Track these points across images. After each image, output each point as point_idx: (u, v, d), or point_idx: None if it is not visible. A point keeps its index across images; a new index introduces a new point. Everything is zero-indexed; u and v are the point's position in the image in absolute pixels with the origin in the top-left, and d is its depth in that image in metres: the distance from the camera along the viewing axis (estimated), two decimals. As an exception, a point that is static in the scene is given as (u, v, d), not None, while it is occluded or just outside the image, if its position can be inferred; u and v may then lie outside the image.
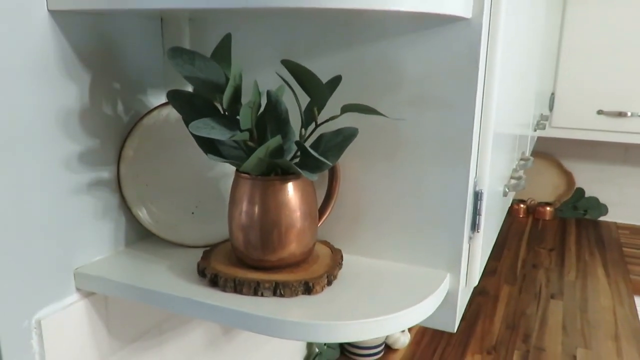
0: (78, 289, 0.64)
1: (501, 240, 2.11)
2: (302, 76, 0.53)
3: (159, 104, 0.71)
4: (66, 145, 0.61)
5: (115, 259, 0.67)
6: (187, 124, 0.58)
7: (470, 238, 0.65)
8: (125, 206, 0.69)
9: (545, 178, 2.42)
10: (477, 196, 0.64)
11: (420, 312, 0.57)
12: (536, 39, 1.22)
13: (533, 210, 2.41)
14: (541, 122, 1.73)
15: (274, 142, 0.53)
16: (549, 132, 2.04)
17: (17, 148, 0.55)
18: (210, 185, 0.72)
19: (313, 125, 0.57)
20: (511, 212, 2.40)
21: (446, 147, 0.61)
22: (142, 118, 0.67)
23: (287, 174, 0.58)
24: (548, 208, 2.37)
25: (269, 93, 0.57)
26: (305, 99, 0.58)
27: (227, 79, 0.56)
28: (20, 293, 0.57)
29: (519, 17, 0.77)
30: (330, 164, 0.53)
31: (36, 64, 0.56)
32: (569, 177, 2.39)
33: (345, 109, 0.54)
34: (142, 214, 0.69)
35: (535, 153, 2.39)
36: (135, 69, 0.69)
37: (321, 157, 0.53)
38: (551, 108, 2.04)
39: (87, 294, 0.65)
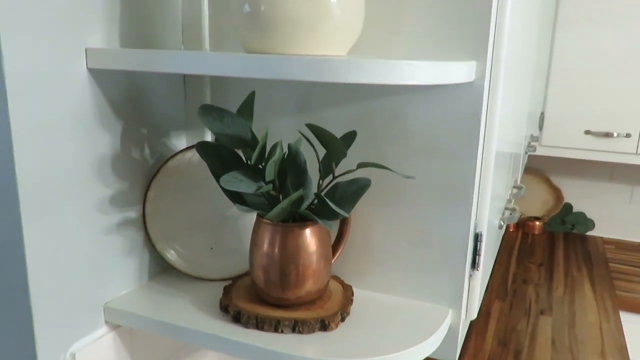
0: (107, 322, 0.69)
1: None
2: (323, 136, 0.58)
3: (181, 146, 0.76)
4: (99, 189, 0.65)
5: (140, 293, 0.72)
6: (213, 173, 0.63)
7: (470, 276, 0.71)
8: (149, 242, 0.74)
9: (534, 193, 2.49)
10: (477, 237, 0.70)
11: (426, 348, 0.62)
12: (528, 62, 1.28)
13: (523, 224, 2.48)
14: (532, 143, 1.80)
15: (296, 195, 0.58)
16: (538, 151, 2.11)
17: (58, 194, 0.60)
18: (228, 222, 0.77)
19: (330, 176, 0.62)
20: (502, 226, 2.46)
21: (449, 194, 0.67)
22: (167, 161, 0.72)
23: (305, 220, 0.63)
24: (537, 222, 2.44)
25: (289, 146, 0.62)
26: (321, 151, 0.63)
27: (252, 133, 0.61)
28: (58, 329, 0.62)
29: (516, 47, 0.83)
30: (346, 215, 0.59)
31: (75, 116, 0.61)
32: (557, 192, 2.46)
33: (361, 165, 0.60)
34: (165, 250, 0.73)
35: (526, 169, 2.47)
36: (160, 116, 0.74)
37: (338, 209, 0.58)
38: (541, 127, 2.11)
39: (115, 327, 0.70)
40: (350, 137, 0.62)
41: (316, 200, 0.63)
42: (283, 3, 0.53)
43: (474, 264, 0.70)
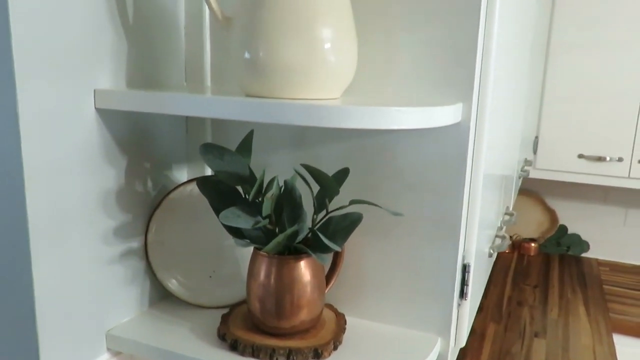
0: (108, 349, 0.71)
1: (489, 275, 2.19)
2: (317, 175, 0.61)
3: (182, 179, 0.79)
4: (104, 222, 0.69)
5: (141, 320, 0.75)
6: (213, 207, 0.66)
7: (458, 305, 0.74)
8: (150, 271, 0.77)
9: (530, 215, 2.52)
10: (465, 268, 0.73)
11: (415, 377, 0.65)
12: (520, 89, 1.32)
13: (518, 245, 2.51)
14: (525, 167, 1.84)
15: (291, 230, 0.61)
16: (533, 174, 2.15)
17: (65, 227, 0.63)
18: (226, 252, 0.80)
19: (324, 212, 0.66)
20: (497, 248, 2.49)
21: (437, 227, 0.70)
22: (168, 193, 0.76)
23: (300, 252, 0.66)
24: (533, 244, 2.47)
25: (285, 182, 0.65)
26: (315, 187, 0.67)
27: (250, 171, 0.64)
28: (63, 355, 0.65)
29: (503, 84, 0.87)
30: (339, 249, 0.62)
31: (83, 153, 0.64)
32: (552, 214, 2.49)
33: (353, 202, 0.63)
34: (166, 278, 0.76)
35: (521, 191, 2.50)
36: (163, 150, 0.77)
37: (331, 244, 0.61)
38: (535, 151, 2.15)
39: (116, 353, 0.72)
40: (343, 174, 0.66)
41: (311, 234, 0.66)
42: (280, 51, 0.57)
43: (462, 294, 0.73)
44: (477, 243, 0.74)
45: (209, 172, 0.82)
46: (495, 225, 1.07)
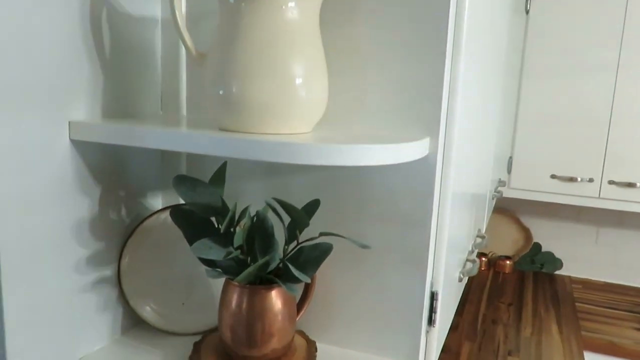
0: (80, 378, 0.72)
1: (464, 293, 2.22)
2: (288, 208, 0.63)
3: (157, 206, 0.80)
4: (77, 251, 0.69)
5: (113, 349, 0.75)
6: (186, 237, 0.67)
7: (427, 332, 0.75)
8: (123, 298, 0.77)
9: (505, 233, 2.57)
10: (433, 296, 0.75)
11: (383, 405, 0.66)
12: (493, 110, 1.36)
13: (494, 263, 2.55)
14: (499, 188, 1.88)
15: (262, 260, 0.63)
16: (507, 193, 2.19)
17: (37, 258, 0.63)
18: (199, 279, 0.81)
19: (295, 242, 0.67)
20: (474, 265, 2.53)
21: (406, 256, 0.72)
22: (142, 221, 0.76)
23: (271, 282, 0.68)
24: (508, 262, 2.51)
25: (257, 213, 0.67)
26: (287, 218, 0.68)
27: (223, 202, 0.66)
28: (32, 387, 0.65)
29: (475, 100, 0.90)
30: (309, 281, 0.63)
31: (56, 184, 0.65)
32: (527, 232, 2.54)
33: (323, 234, 0.65)
34: (139, 306, 0.77)
35: (496, 209, 2.55)
36: (138, 178, 0.78)
37: (301, 275, 0.63)
38: (509, 170, 2.20)
39: (88, 381, 0.73)
40: (314, 205, 0.67)
41: (282, 264, 0.68)
42: (252, 88, 0.59)
43: (431, 321, 0.75)
44: (445, 270, 0.76)
45: (182, 201, 0.83)
46: (466, 249, 1.09)
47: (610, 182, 2.06)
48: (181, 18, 0.61)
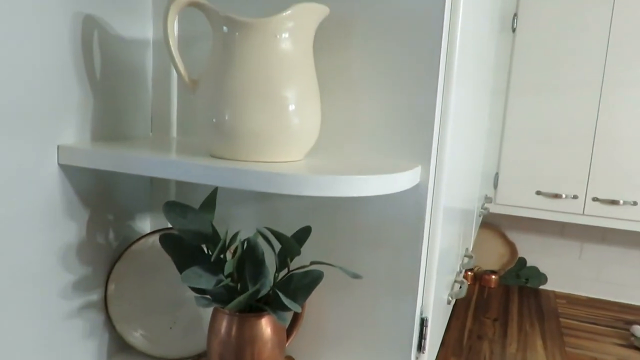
0: (64, 405, 0.70)
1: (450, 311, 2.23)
2: (279, 237, 0.63)
3: (145, 228, 0.79)
4: (63, 276, 0.68)
5: (98, 374, 0.74)
6: (176, 263, 0.67)
7: (417, 358, 0.75)
8: (109, 323, 0.76)
9: (490, 247, 2.59)
10: (423, 322, 0.75)
11: None
12: (481, 127, 1.37)
13: (480, 277, 2.56)
14: (485, 205, 1.89)
15: (253, 289, 0.62)
16: (493, 209, 2.21)
17: (22, 284, 0.62)
18: (187, 303, 0.80)
19: (286, 270, 0.67)
20: (460, 279, 2.54)
21: (396, 283, 0.72)
22: (131, 245, 0.75)
23: (261, 310, 0.67)
24: (493, 276, 2.52)
25: (248, 240, 0.66)
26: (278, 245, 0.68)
27: (213, 228, 0.65)
28: (14, 417, 0.63)
29: (465, 123, 0.91)
30: (299, 310, 0.63)
31: (44, 209, 0.64)
32: (512, 247, 2.56)
33: (314, 262, 0.65)
34: (125, 331, 0.76)
35: (482, 224, 2.57)
36: (127, 201, 0.77)
37: (291, 304, 0.62)
38: (495, 186, 2.22)
39: (72, 409, 0.71)
40: (305, 233, 0.67)
41: (272, 291, 0.67)
42: (245, 116, 0.59)
43: (420, 347, 0.75)
44: (435, 295, 0.76)
45: (172, 221, 0.82)
46: (454, 269, 1.10)
47: (594, 199, 2.09)
48: (174, 46, 0.61)
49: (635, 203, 2.04)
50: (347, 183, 0.57)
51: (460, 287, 1.03)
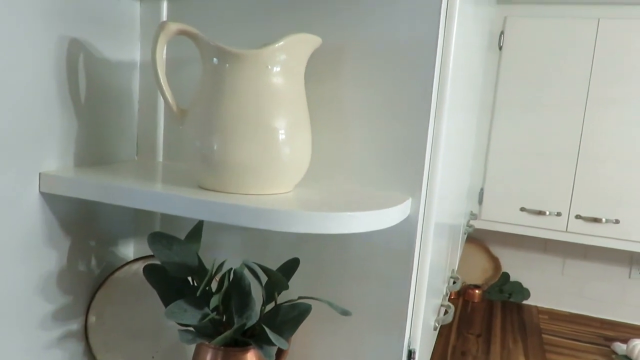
0: None
1: (434, 323, 2.22)
2: (266, 271, 0.61)
3: (129, 254, 0.77)
4: (43, 307, 0.66)
5: (77, 406, 0.71)
6: (161, 297, 0.65)
7: (403, 390, 0.74)
8: (90, 353, 0.74)
9: (475, 261, 2.60)
10: (410, 354, 0.74)
11: None
12: (469, 142, 1.37)
13: (464, 292, 2.57)
14: (470, 222, 1.90)
15: (239, 324, 0.61)
16: (478, 224, 2.22)
17: (1, 316, 0.60)
18: (169, 333, 0.78)
19: (273, 303, 0.65)
20: (443, 294, 2.54)
21: (385, 315, 0.71)
22: (113, 272, 0.73)
23: (246, 343, 0.65)
24: (477, 291, 2.53)
25: (235, 271, 0.65)
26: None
27: (199, 260, 0.63)
28: None
29: (456, 127, 0.90)
30: (286, 347, 0.62)
31: (24, 239, 0.62)
32: (496, 262, 2.58)
33: (302, 297, 0.63)
34: (106, 360, 0.74)
35: (467, 238, 2.57)
36: (110, 227, 0.75)
37: (278, 340, 0.61)
38: (480, 202, 2.23)
39: None
40: (293, 265, 0.66)
41: (258, 325, 0.66)
42: (235, 149, 0.57)
43: (407, 380, 0.74)
44: (423, 325, 0.76)
45: (156, 246, 0.80)
46: (441, 293, 1.09)
47: (577, 217, 2.11)
48: (163, 75, 0.59)
49: (617, 221, 2.06)
50: (336, 220, 0.56)
51: (447, 312, 1.03)
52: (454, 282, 1.22)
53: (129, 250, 0.79)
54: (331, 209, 0.56)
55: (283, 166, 0.60)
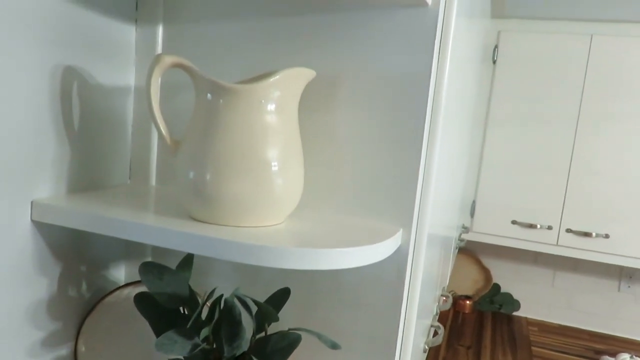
0: None
1: (424, 335, 2.23)
2: (258, 305, 0.62)
3: (120, 278, 0.77)
4: (32, 334, 0.66)
5: None
6: (151, 326, 0.65)
7: (392, 418, 0.75)
8: (79, 377, 0.73)
9: (466, 272, 2.61)
10: (400, 382, 0.74)
11: None
12: (463, 157, 1.38)
13: (454, 302, 2.58)
14: (462, 235, 1.91)
15: (230, 355, 0.61)
16: (470, 236, 2.23)
17: (-13, 347, 0.60)
18: (159, 357, 0.78)
19: (263, 333, 0.66)
20: (434, 304, 2.55)
21: (374, 344, 0.71)
22: (104, 297, 0.73)
23: (236, 372, 0.66)
24: (468, 302, 2.54)
25: (225, 301, 0.65)
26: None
27: (190, 290, 0.64)
28: None
29: (450, 138, 0.91)
30: (276, 378, 0.62)
31: (14, 266, 0.62)
32: (487, 273, 2.59)
33: (292, 329, 0.64)
34: (95, 385, 0.74)
35: (459, 249, 2.59)
36: (101, 252, 0.75)
37: (269, 372, 0.61)
38: (472, 214, 2.24)
39: None
40: (284, 296, 0.66)
41: (248, 356, 0.66)
42: (228, 182, 0.58)
43: (396, 407, 0.75)
44: (412, 352, 0.76)
45: (148, 269, 0.80)
46: (431, 313, 1.10)
47: (568, 231, 2.12)
48: (157, 107, 0.59)
49: (607, 236, 2.08)
50: (327, 256, 0.56)
51: (436, 334, 1.03)
52: (445, 301, 1.23)
53: (120, 273, 0.79)
54: (322, 243, 0.57)
55: (275, 200, 0.60)
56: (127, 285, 0.75)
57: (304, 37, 0.70)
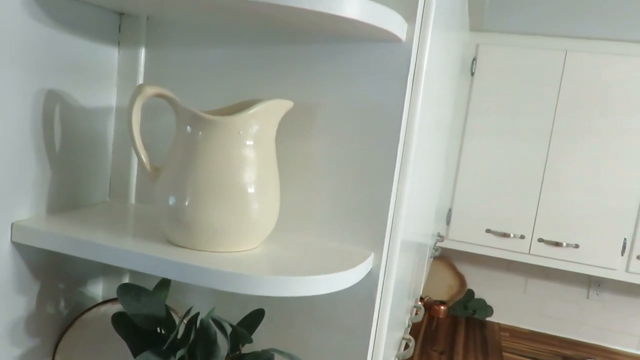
0: None
1: (399, 340, 2.27)
2: (233, 326, 0.64)
3: (98, 293, 0.79)
4: (10, 351, 0.67)
5: None
6: (129, 346, 0.67)
7: None
8: (55, 392, 0.75)
9: (441, 278, 2.66)
10: (369, 398, 0.77)
11: None
12: (438, 169, 1.42)
13: (429, 307, 2.63)
14: (437, 244, 1.95)
15: (203, 377, 0.63)
16: (445, 244, 2.28)
17: (-35, 366, 0.61)
18: (138, 370, 0.80)
19: (238, 352, 0.68)
20: (410, 309, 2.59)
21: (346, 361, 0.74)
22: (82, 314, 0.75)
23: (211, 390, 0.68)
24: (442, 307, 2.59)
25: (201, 321, 0.67)
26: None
27: (167, 311, 0.66)
28: None
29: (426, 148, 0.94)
30: (249, 398, 0.64)
31: (-8, 287, 0.63)
32: (461, 279, 2.64)
33: (266, 350, 0.66)
34: (71, 400, 0.75)
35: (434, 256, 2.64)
36: (79, 268, 0.76)
37: (242, 391, 0.64)
38: (448, 222, 2.29)
39: None
40: (258, 317, 0.69)
41: (223, 372, 0.68)
42: (205, 210, 0.60)
43: (365, 422, 0.78)
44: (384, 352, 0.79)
45: (126, 285, 0.82)
46: (402, 326, 1.13)
47: (540, 240, 2.18)
48: (138, 136, 0.61)
49: (577, 246, 2.15)
50: (300, 283, 0.59)
51: (407, 347, 1.06)
52: (417, 313, 1.26)
53: (98, 289, 0.81)
54: (295, 270, 0.59)
55: (251, 226, 0.62)
56: (105, 302, 0.76)
57: (282, 66, 0.72)
